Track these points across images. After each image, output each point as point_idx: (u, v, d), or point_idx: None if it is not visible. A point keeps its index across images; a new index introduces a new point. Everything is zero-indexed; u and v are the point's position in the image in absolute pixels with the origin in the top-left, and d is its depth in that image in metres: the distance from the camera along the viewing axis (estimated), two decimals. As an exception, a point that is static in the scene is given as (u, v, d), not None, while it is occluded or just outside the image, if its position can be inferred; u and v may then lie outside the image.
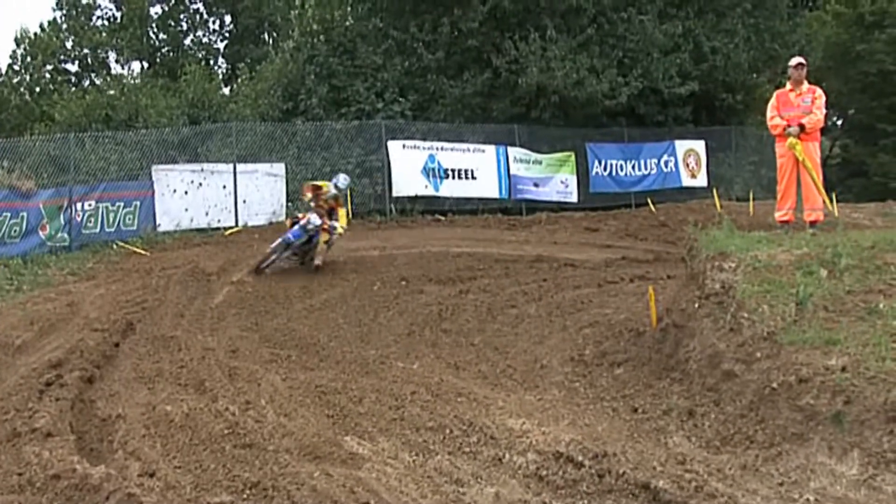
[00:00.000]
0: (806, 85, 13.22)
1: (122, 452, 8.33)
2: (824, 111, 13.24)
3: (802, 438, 7.29)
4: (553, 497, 7.12)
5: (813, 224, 12.96)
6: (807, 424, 7.33)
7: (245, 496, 7.14)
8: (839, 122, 40.57)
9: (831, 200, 14.11)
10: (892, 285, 8.89)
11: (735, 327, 8.95)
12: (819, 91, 13.25)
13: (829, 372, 7.48)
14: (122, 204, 22.18)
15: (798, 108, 13.06)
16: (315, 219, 17.11)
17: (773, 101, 13.45)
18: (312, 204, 17.51)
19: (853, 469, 6.79)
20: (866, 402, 7.02)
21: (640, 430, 8.64)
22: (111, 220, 21.91)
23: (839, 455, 6.93)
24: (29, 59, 36.52)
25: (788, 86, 13.36)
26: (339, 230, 17.69)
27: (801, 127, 12.87)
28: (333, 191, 17.78)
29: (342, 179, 18.17)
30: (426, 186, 26.22)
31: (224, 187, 23.99)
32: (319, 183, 18.19)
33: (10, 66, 36.87)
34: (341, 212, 17.82)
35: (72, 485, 7.32)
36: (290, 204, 24.91)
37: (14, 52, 36.81)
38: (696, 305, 9.87)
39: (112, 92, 31.25)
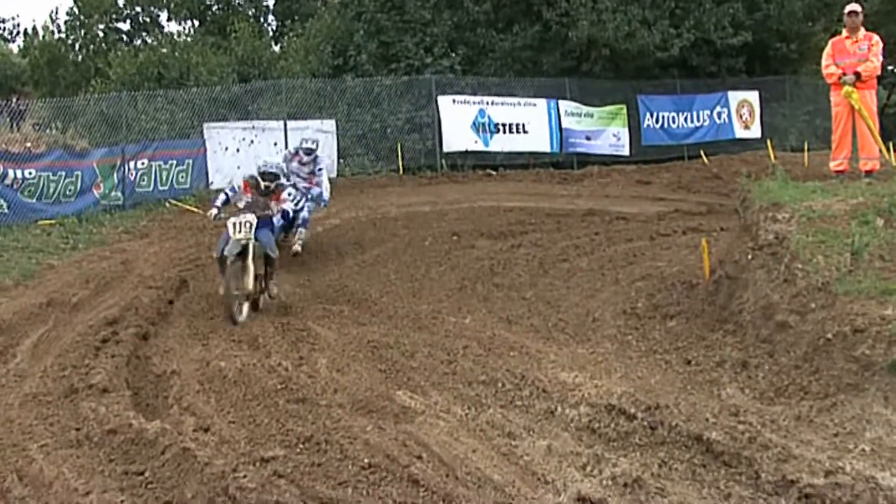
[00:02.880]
0: (862, 32, 12.96)
1: (177, 408, 8.44)
2: (881, 58, 12.98)
3: (858, 389, 7.22)
4: (605, 449, 7.12)
5: (869, 173, 12.75)
6: (862, 375, 7.26)
7: (298, 450, 7.20)
8: (896, 70, 39.78)
9: (888, 149, 13.86)
10: (950, 234, 8.77)
11: (789, 278, 8.86)
12: (876, 38, 12.98)
13: (884, 322, 7.39)
14: (174, 162, 22.30)
15: (854, 55, 12.82)
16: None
17: (828, 49, 13.21)
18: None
19: (910, 419, 6.73)
20: (923, 352, 6.95)
21: (693, 382, 8.61)
22: (164, 178, 22.04)
23: (895, 405, 6.86)
24: (83, 17, 36.69)
25: (844, 33, 13.11)
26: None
27: (857, 75, 12.64)
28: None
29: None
30: (476, 142, 26.14)
31: (275, 144, 24.02)
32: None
33: (67, 23, 37.14)
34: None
35: (128, 439, 7.44)
36: (341, 160, 24.97)
37: (71, 9, 37.13)
38: (750, 257, 9.79)
39: (164, 50, 31.37)
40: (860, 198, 9.95)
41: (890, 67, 33.13)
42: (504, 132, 26.52)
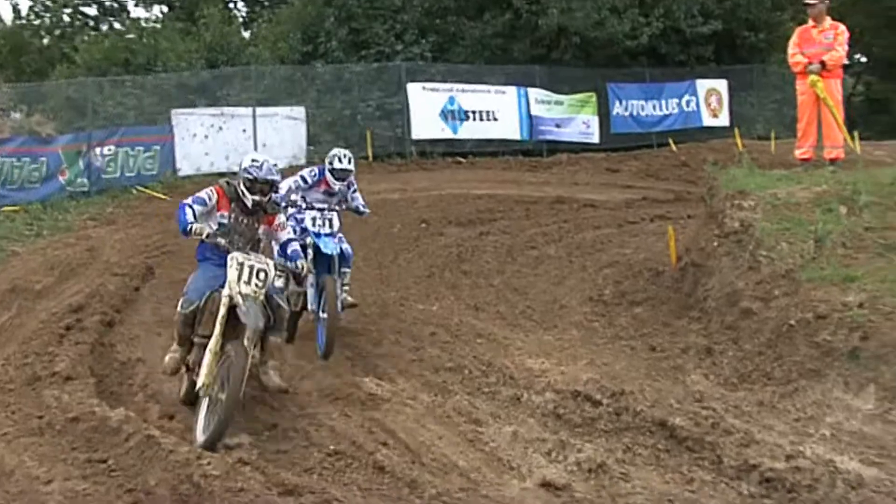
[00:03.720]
0: (828, 21, 13.02)
1: (142, 395, 8.43)
2: (846, 48, 13.04)
3: (819, 374, 7.31)
4: (570, 435, 7.17)
5: (833, 162, 12.83)
6: (823, 360, 7.35)
7: (264, 437, 7.23)
8: (863, 59, 40.01)
9: (853, 138, 13.96)
10: (912, 221, 8.87)
11: (754, 265, 8.95)
12: (842, 27, 13.03)
13: (846, 308, 7.49)
14: (141, 148, 22.11)
15: (820, 44, 12.87)
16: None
17: (794, 38, 13.26)
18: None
19: (869, 404, 6.82)
20: (883, 338, 7.03)
21: (658, 369, 8.67)
22: (131, 164, 21.85)
23: (855, 390, 6.95)
24: (48, 2, 36.36)
25: (811, 22, 13.17)
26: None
27: (823, 64, 12.71)
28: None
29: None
30: (443, 129, 26.09)
31: (244, 131, 23.90)
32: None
33: (31, 8, 36.79)
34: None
35: (91, 427, 7.39)
36: (310, 147, 24.83)
37: (35, -7, 36.78)
38: (716, 244, 9.86)
39: (131, 35, 31.11)
40: (824, 186, 10.05)
41: (856, 56, 33.33)
42: (474, 119, 26.49)
